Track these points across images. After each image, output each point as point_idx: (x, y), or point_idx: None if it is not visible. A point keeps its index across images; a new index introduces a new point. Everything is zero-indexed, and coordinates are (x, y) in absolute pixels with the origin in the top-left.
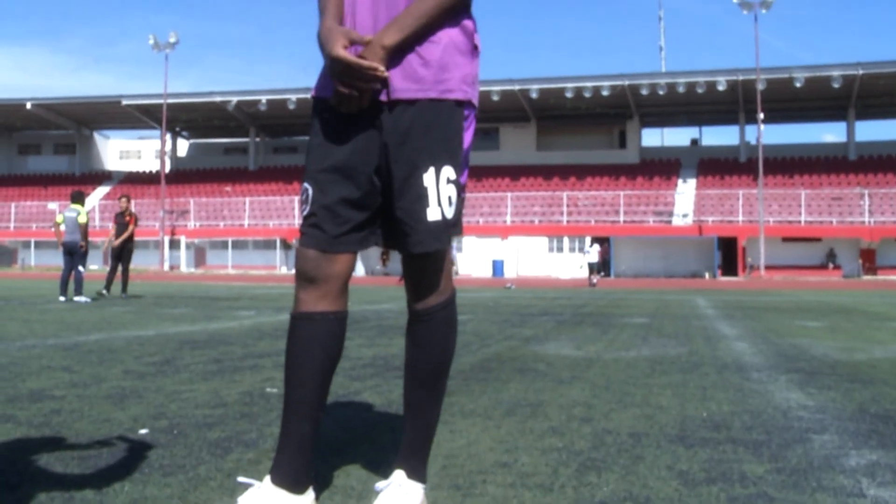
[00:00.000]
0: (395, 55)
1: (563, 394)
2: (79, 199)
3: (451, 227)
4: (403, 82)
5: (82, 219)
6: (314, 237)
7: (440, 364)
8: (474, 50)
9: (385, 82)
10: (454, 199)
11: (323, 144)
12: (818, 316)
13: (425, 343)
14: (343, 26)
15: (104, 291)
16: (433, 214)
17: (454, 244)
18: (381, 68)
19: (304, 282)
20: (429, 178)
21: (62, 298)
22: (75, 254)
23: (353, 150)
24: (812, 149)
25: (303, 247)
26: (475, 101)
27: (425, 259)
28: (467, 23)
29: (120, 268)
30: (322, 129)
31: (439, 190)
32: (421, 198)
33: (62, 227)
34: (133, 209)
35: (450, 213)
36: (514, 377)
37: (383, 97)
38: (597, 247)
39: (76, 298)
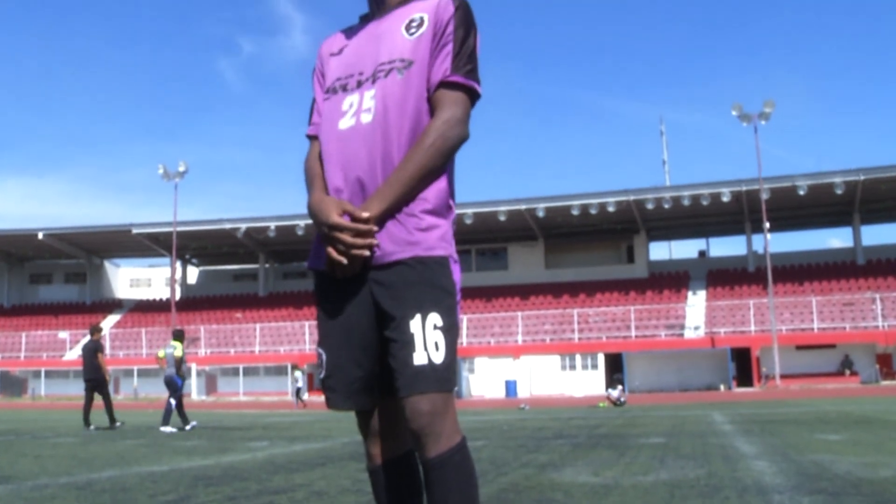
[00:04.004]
0: (380, 222)
1: None
2: (179, 336)
3: (442, 372)
4: (388, 245)
5: (178, 352)
6: (332, 399)
7: None
8: (449, 210)
9: (372, 247)
10: (441, 345)
11: (327, 311)
12: (838, 428)
13: (445, 493)
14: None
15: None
16: (419, 359)
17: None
18: (374, 230)
19: (363, 439)
20: (415, 324)
21: (171, 429)
22: (169, 386)
23: (353, 313)
24: (820, 255)
25: (329, 408)
26: (455, 256)
27: (419, 403)
28: (443, 185)
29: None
30: (324, 298)
31: (426, 336)
32: (407, 344)
33: (164, 359)
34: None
35: (437, 359)
36: None
37: (373, 261)
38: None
39: (161, 429)
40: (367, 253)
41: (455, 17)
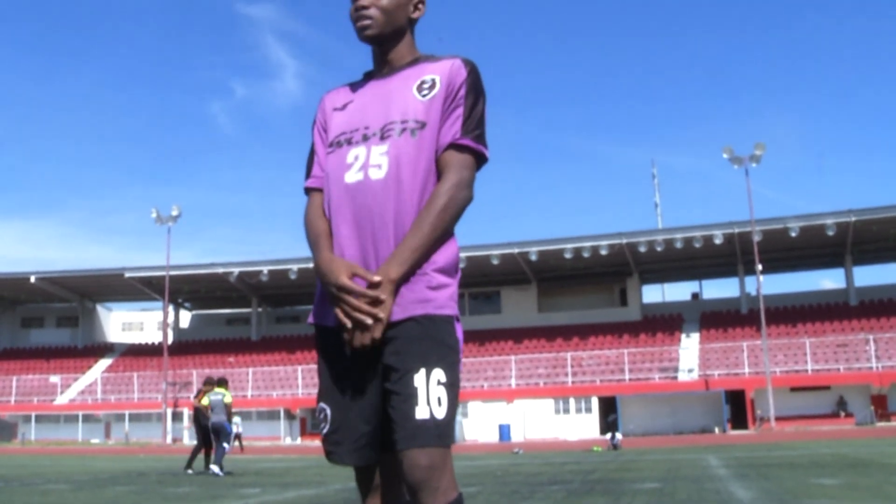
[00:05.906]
0: (397, 285)
1: None
2: (223, 384)
3: (443, 428)
4: (400, 303)
5: (228, 399)
6: (336, 454)
7: None
8: (457, 271)
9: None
10: (444, 401)
11: (331, 366)
12: (834, 472)
13: None
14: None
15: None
16: (421, 413)
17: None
18: (383, 299)
19: (361, 495)
20: (419, 378)
21: (218, 471)
22: (220, 432)
23: (362, 370)
24: (813, 296)
25: (331, 463)
26: (458, 315)
27: (418, 456)
28: (453, 247)
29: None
30: (328, 353)
31: (429, 390)
32: (410, 397)
33: (209, 406)
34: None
35: (439, 414)
36: None
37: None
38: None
39: (212, 467)
40: (369, 321)
41: (467, 82)
